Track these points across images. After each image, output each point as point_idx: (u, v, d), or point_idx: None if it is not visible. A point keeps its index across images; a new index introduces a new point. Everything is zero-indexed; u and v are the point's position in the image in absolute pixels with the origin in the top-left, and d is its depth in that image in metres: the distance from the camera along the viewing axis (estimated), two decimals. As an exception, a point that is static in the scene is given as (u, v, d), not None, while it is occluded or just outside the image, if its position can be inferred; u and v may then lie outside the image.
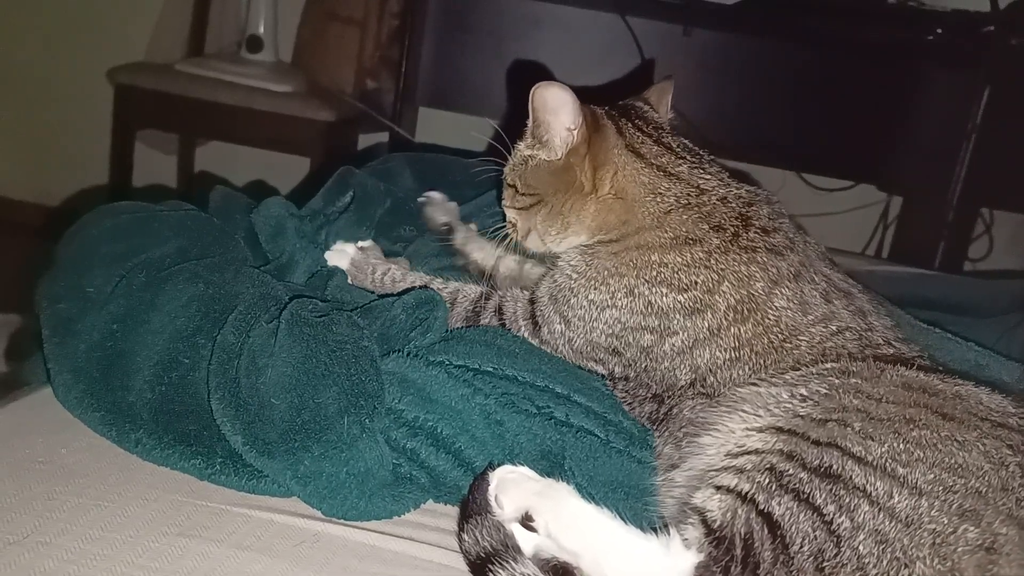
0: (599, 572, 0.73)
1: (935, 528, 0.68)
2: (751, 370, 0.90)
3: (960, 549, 0.67)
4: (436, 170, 1.50)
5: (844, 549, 0.68)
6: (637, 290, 0.94)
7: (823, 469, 0.72)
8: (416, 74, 2.52)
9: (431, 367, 0.89)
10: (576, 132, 1.00)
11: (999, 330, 1.33)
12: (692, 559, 0.72)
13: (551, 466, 0.85)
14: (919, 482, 0.70)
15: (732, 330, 0.91)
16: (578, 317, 0.98)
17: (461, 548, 0.77)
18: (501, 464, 0.81)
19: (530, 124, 1.03)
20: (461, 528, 0.78)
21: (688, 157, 1.03)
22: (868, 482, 0.70)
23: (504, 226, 1.10)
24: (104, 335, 0.92)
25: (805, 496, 0.71)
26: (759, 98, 2.57)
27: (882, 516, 0.69)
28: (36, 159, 3.11)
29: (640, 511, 0.83)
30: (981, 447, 0.73)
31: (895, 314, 1.05)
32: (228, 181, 2.17)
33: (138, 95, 2.46)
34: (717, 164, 1.05)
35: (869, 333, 0.92)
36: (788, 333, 0.90)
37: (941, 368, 0.90)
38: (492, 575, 0.73)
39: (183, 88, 2.43)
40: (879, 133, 2.55)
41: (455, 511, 0.82)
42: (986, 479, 0.70)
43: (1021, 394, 0.86)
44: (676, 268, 0.93)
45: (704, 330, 0.92)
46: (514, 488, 0.78)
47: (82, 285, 0.96)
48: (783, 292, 0.92)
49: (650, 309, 0.93)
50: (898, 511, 0.69)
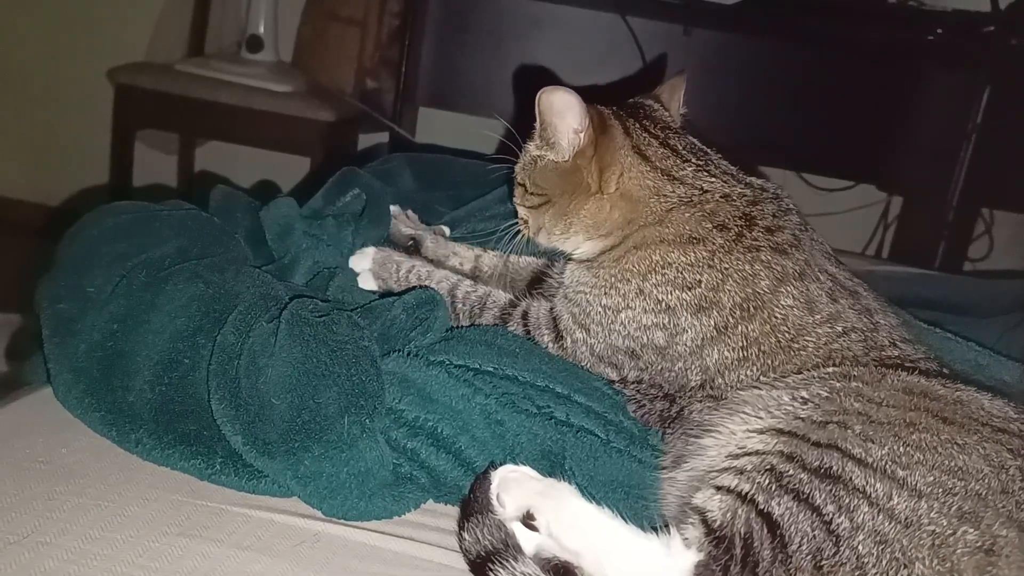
0: (600, 571, 0.74)
1: (934, 529, 0.68)
2: (759, 371, 0.90)
3: (959, 550, 0.67)
4: (436, 170, 1.50)
5: (843, 549, 0.68)
6: (646, 289, 0.95)
7: (823, 470, 0.72)
8: (416, 74, 2.51)
9: (431, 367, 0.89)
10: (583, 134, 1.00)
11: (999, 330, 1.33)
12: (692, 558, 0.72)
13: (552, 466, 0.85)
14: (919, 484, 0.70)
15: (739, 328, 0.91)
16: (596, 323, 0.99)
17: (461, 547, 0.77)
18: (502, 464, 0.81)
19: (537, 127, 1.03)
20: (461, 527, 0.78)
21: (694, 159, 1.03)
22: (868, 483, 0.70)
23: (516, 223, 1.11)
24: (104, 335, 0.92)
25: (805, 496, 0.71)
26: (759, 98, 2.57)
27: (881, 517, 0.69)
28: (36, 159, 3.11)
29: (640, 511, 0.83)
30: (981, 450, 0.73)
31: (899, 313, 1.05)
32: (228, 181, 2.17)
33: (138, 95, 2.46)
34: (725, 163, 1.05)
35: (875, 333, 0.92)
36: (795, 332, 0.91)
37: (947, 369, 0.90)
38: (492, 574, 0.73)
39: (183, 88, 2.43)
40: (879, 133, 2.55)
41: (455, 511, 0.82)
42: (986, 482, 0.70)
43: (1021, 394, 0.86)
44: (680, 267, 0.94)
45: (711, 328, 0.92)
46: (516, 487, 0.78)
47: (82, 285, 0.96)
48: (789, 291, 0.92)
49: (660, 306, 0.94)
50: (898, 512, 0.69)
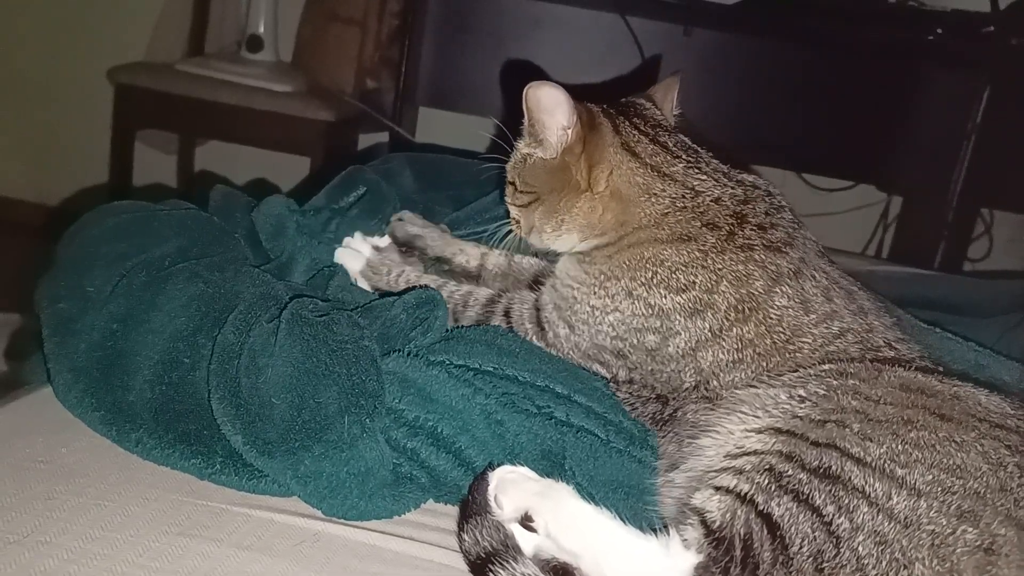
0: (599, 572, 0.73)
1: (934, 529, 0.68)
2: (754, 372, 0.89)
3: (959, 550, 0.67)
4: (436, 170, 1.50)
5: (843, 550, 0.68)
6: (636, 292, 0.94)
7: (822, 470, 0.72)
8: (416, 74, 2.51)
9: (431, 367, 0.89)
10: (571, 131, 0.99)
11: (999, 330, 1.33)
12: (691, 559, 0.72)
13: (551, 466, 0.85)
14: (918, 483, 0.70)
15: (734, 331, 0.91)
16: (582, 322, 0.98)
17: (461, 548, 0.77)
18: (501, 464, 0.81)
19: (526, 123, 1.03)
20: (461, 528, 0.78)
21: (684, 156, 1.02)
22: (867, 483, 0.70)
23: (508, 222, 1.11)
24: (104, 334, 0.92)
25: (804, 497, 0.71)
26: (759, 98, 2.57)
27: (881, 517, 0.69)
28: (36, 159, 3.11)
29: (640, 511, 0.83)
30: (979, 448, 0.73)
31: (895, 313, 1.05)
32: (228, 181, 2.17)
33: (138, 95, 2.46)
34: (716, 161, 1.04)
35: (870, 334, 0.92)
36: (791, 333, 0.90)
37: (942, 369, 0.90)
38: (492, 575, 0.73)
39: (183, 88, 2.43)
40: (879, 133, 2.55)
41: (455, 511, 0.82)
42: (984, 480, 0.70)
43: (1021, 394, 0.86)
44: (673, 268, 0.93)
45: (706, 331, 0.91)
46: (514, 488, 0.78)
47: (82, 284, 0.96)
48: (784, 290, 0.92)
49: (651, 310, 0.93)
50: (897, 512, 0.69)
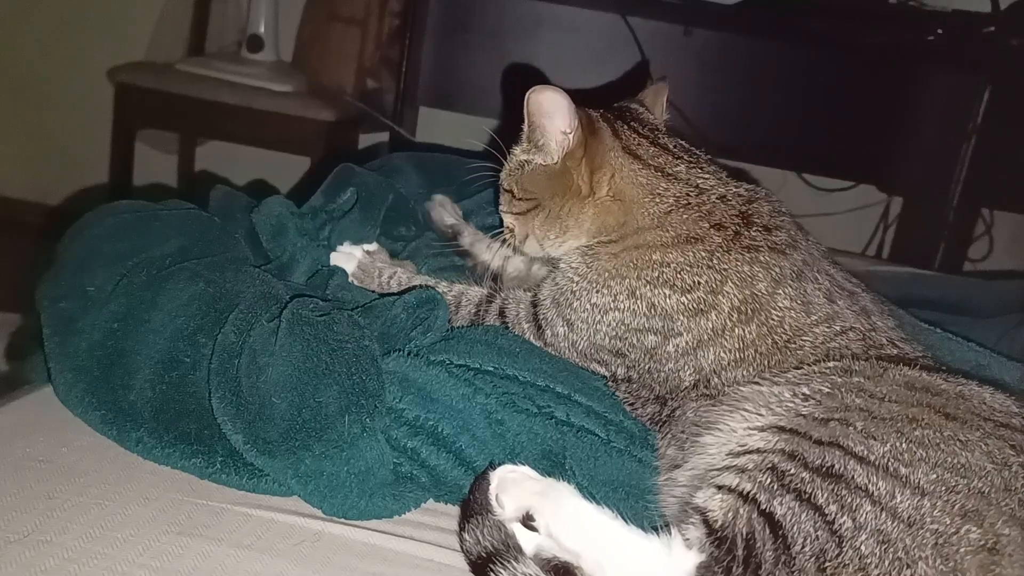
0: (600, 572, 0.73)
1: (937, 528, 0.68)
2: (755, 371, 0.89)
3: (963, 550, 0.67)
4: (438, 169, 1.50)
5: (846, 549, 0.68)
6: (639, 291, 0.93)
7: (825, 469, 0.72)
8: (416, 74, 2.51)
9: (432, 366, 0.89)
10: (572, 136, 0.99)
11: (999, 330, 1.32)
12: (694, 559, 0.72)
13: (552, 466, 0.85)
14: (921, 482, 0.70)
15: (736, 331, 0.91)
16: (581, 320, 0.97)
17: (462, 548, 0.77)
18: (502, 463, 0.81)
19: (526, 128, 1.02)
20: (462, 528, 0.77)
21: (685, 157, 1.02)
22: (870, 482, 0.70)
23: (502, 231, 1.10)
24: (105, 334, 0.92)
25: (807, 496, 0.71)
26: (759, 98, 2.56)
27: (884, 516, 0.68)
28: (36, 159, 3.10)
29: (641, 511, 0.83)
30: (984, 447, 0.72)
31: (897, 314, 1.05)
32: (228, 180, 2.17)
33: (138, 95, 2.46)
34: (715, 164, 1.04)
35: (873, 333, 0.92)
36: (792, 334, 0.90)
37: (944, 369, 0.90)
38: (493, 575, 0.72)
39: (183, 88, 2.43)
40: (879, 133, 2.55)
41: (456, 510, 0.82)
42: (989, 479, 0.70)
43: (1022, 394, 0.86)
44: (679, 268, 0.93)
45: (708, 331, 0.91)
46: (515, 488, 0.78)
47: (83, 284, 0.96)
48: (786, 292, 0.92)
49: (653, 311, 0.93)
50: (900, 511, 0.69)
